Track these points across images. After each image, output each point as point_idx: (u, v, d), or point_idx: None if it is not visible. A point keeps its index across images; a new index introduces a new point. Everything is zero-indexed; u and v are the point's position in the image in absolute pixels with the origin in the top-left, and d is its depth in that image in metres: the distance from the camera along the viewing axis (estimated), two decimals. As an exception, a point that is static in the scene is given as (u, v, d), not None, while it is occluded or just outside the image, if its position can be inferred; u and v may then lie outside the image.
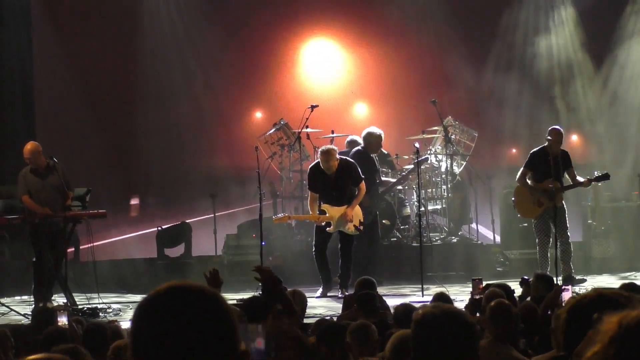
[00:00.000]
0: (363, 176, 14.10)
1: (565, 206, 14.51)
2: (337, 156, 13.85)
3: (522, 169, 14.77)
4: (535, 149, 14.71)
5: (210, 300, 2.40)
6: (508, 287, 9.04)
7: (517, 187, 14.94)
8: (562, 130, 14.71)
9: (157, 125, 21.01)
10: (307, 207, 14.37)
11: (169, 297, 2.39)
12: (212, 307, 2.39)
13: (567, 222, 14.42)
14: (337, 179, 13.83)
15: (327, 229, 13.82)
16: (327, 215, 13.80)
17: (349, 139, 16.50)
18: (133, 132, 20.97)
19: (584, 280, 14.35)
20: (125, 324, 8.74)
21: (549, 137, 14.46)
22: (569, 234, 14.42)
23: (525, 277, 10.47)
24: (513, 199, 15.06)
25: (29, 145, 13.46)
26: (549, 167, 14.15)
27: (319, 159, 13.92)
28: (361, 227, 14.02)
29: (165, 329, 2.33)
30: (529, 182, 14.68)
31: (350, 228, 13.88)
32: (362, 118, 21.37)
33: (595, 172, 14.81)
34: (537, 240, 14.68)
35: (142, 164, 21.04)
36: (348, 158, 14.29)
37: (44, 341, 6.96)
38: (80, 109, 19.78)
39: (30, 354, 3.69)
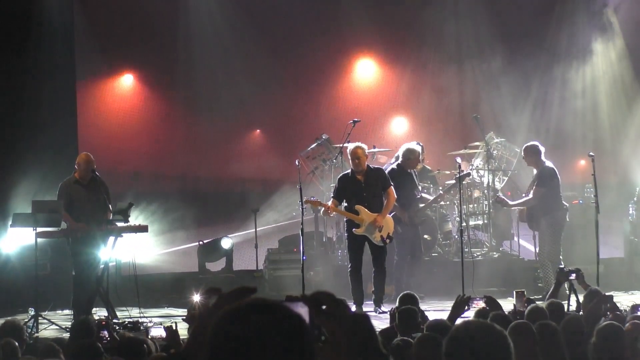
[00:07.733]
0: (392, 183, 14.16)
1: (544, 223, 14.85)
2: (366, 153, 14.10)
3: None
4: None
5: (293, 321, 2.38)
6: (559, 305, 8.93)
7: None
8: (525, 146, 14.99)
9: (201, 136, 21.13)
10: (346, 219, 14.31)
11: (252, 313, 2.36)
12: (294, 328, 2.36)
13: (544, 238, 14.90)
14: (367, 183, 13.95)
15: (354, 230, 13.86)
16: (359, 216, 13.83)
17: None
18: (175, 144, 21.06)
19: None
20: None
21: None
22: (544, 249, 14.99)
23: (561, 266, 10.98)
24: None
25: (84, 155, 13.62)
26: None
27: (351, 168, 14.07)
28: (388, 241, 14.00)
29: (245, 346, 2.31)
30: None
31: (376, 237, 13.85)
32: (403, 133, 21.31)
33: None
34: None
35: (184, 176, 21.10)
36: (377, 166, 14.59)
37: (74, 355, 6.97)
38: (122, 121, 19.93)
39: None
